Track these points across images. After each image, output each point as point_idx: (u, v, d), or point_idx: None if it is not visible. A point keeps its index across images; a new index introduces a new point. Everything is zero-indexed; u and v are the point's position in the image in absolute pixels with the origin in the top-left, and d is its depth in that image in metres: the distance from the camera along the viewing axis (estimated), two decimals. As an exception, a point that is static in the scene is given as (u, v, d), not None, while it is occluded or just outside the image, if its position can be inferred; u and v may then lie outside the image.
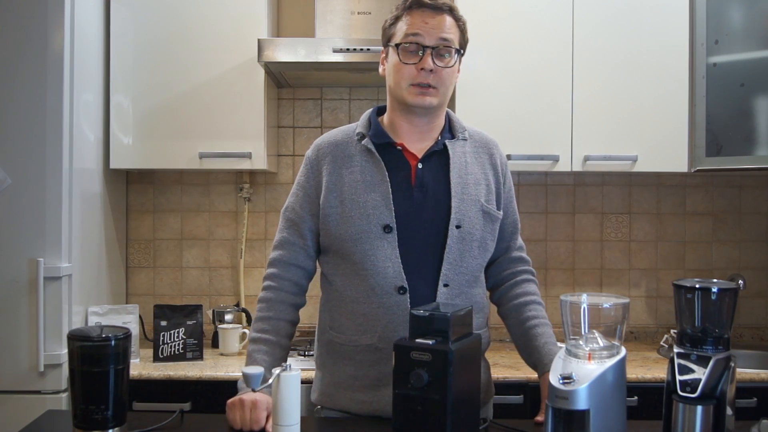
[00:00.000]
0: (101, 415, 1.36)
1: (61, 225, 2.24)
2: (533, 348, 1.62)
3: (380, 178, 1.58)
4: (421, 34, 1.55)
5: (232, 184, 2.95)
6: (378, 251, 1.55)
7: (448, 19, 1.58)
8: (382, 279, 1.55)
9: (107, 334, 1.38)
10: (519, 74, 2.60)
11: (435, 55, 1.55)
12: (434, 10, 1.57)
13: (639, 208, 2.97)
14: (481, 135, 1.72)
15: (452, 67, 1.59)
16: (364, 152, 1.61)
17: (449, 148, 1.63)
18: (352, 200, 1.57)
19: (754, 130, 2.55)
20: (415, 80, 1.56)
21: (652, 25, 2.60)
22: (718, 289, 1.27)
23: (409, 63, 1.56)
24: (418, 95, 1.57)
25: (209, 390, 2.31)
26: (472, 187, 1.61)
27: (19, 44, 2.22)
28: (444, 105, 1.65)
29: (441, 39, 1.56)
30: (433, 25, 1.55)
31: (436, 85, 1.57)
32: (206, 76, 2.61)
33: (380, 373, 1.56)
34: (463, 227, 1.57)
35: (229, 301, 2.92)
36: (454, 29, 1.59)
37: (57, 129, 2.24)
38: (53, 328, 2.22)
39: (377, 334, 1.56)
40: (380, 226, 1.55)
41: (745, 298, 2.92)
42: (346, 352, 1.61)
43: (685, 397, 1.25)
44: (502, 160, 1.71)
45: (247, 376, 1.35)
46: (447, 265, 1.56)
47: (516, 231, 1.73)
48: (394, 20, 1.61)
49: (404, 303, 1.54)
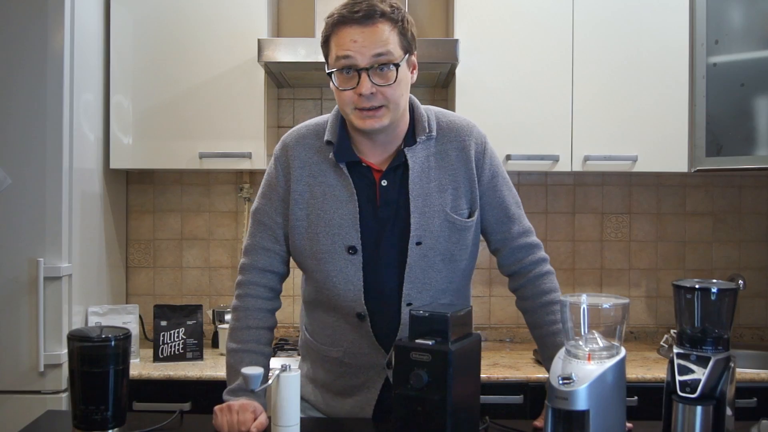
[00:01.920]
0: (101, 415, 1.36)
1: (61, 225, 2.24)
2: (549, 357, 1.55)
3: (348, 195, 1.49)
4: (352, 56, 1.39)
5: (232, 184, 2.95)
6: (340, 273, 1.49)
7: (382, 27, 1.40)
8: (343, 302, 1.51)
9: (107, 335, 1.38)
10: (519, 74, 2.60)
11: (372, 74, 1.40)
12: (361, 24, 1.39)
13: (639, 208, 2.97)
14: (452, 125, 1.55)
15: (395, 82, 1.42)
16: (333, 165, 1.51)
17: (409, 158, 1.50)
18: (318, 216, 1.50)
19: (754, 130, 2.55)
20: (357, 105, 1.42)
21: (652, 25, 2.60)
22: (718, 290, 1.27)
23: (347, 89, 1.42)
24: (366, 119, 1.43)
25: (209, 390, 2.31)
26: (435, 197, 1.50)
27: (19, 44, 2.22)
28: (400, 117, 1.49)
29: (375, 56, 1.39)
30: (362, 42, 1.39)
31: (383, 103, 1.42)
32: (206, 76, 2.61)
33: (346, 385, 1.56)
34: (424, 243, 1.48)
35: (229, 301, 2.91)
36: (392, 36, 1.41)
37: (57, 129, 2.24)
38: (53, 328, 2.22)
39: (343, 349, 1.55)
40: (344, 247, 1.48)
41: (745, 298, 2.92)
42: (318, 358, 1.62)
43: (685, 398, 1.25)
44: (479, 147, 1.55)
45: (246, 376, 1.35)
46: (408, 284, 1.49)
47: (509, 219, 1.58)
48: (325, 40, 1.46)
49: (365, 327, 1.51)
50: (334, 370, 1.58)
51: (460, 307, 1.35)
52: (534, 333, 1.61)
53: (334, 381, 1.58)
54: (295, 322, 2.88)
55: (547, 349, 1.56)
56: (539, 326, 1.58)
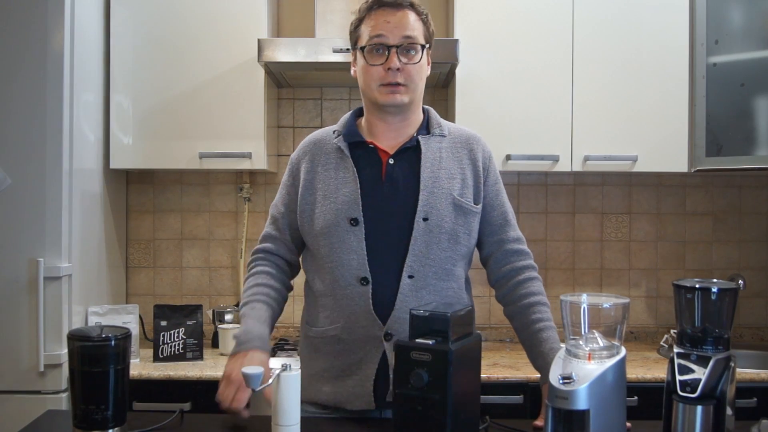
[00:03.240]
0: (101, 415, 1.36)
1: (61, 225, 2.24)
2: (538, 354, 1.61)
3: (350, 174, 1.61)
4: (385, 35, 1.58)
5: (232, 184, 2.95)
6: (344, 244, 1.58)
7: (410, 15, 1.60)
8: (347, 271, 1.58)
9: (107, 334, 1.38)
10: (519, 74, 2.60)
11: (400, 52, 1.58)
12: (395, 8, 1.59)
13: (639, 208, 2.97)
14: (462, 132, 1.71)
15: (419, 63, 1.60)
16: (337, 151, 1.66)
17: (422, 143, 1.64)
18: (324, 196, 1.63)
19: (754, 130, 2.55)
20: (383, 80, 1.59)
21: (652, 25, 2.60)
22: (718, 289, 1.27)
23: (376, 64, 1.59)
24: (388, 94, 1.59)
25: (209, 390, 2.29)
26: (444, 181, 1.61)
27: (19, 44, 2.22)
28: (417, 101, 1.66)
29: (404, 37, 1.58)
30: (395, 23, 1.58)
31: (405, 82, 1.59)
32: (206, 76, 2.61)
33: (344, 363, 1.60)
34: (430, 219, 1.58)
35: (229, 301, 2.92)
36: (417, 24, 1.60)
37: (57, 129, 2.24)
38: (53, 328, 2.22)
39: (340, 325, 1.60)
40: (347, 220, 1.58)
41: (745, 298, 2.92)
42: (317, 345, 1.66)
43: (685, 397, 1.25)
44: (485, 154, 1.69)
45: (246, 376, 1.35)
46: (412, 256, 1.57)
47: (507, 223, 1.69)
48: (358, 23, 1.64)
49: (366, 294, 1.57)
50: (331, 351, 1.62)
51: (460, 307, 1.35)
52: (521, 336, 1.66)
53: (331, 364, 1.61)
54: (295, 322, 2.87)
55: (534, 347, 1.61)
56: (524, 327, 1.64)
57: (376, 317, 1.56)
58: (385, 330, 1.56)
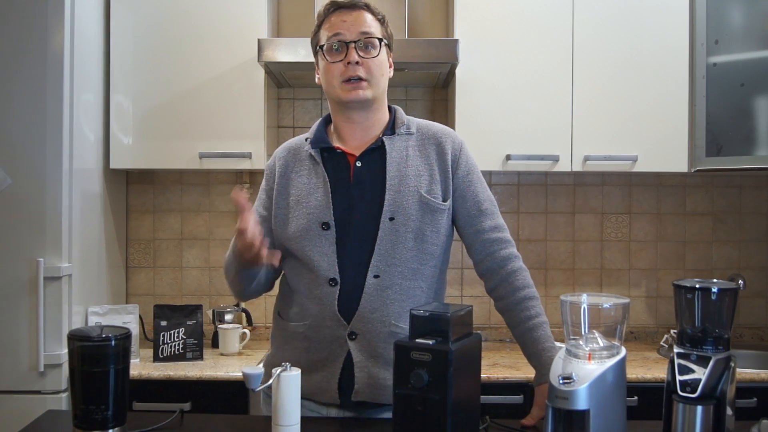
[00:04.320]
0: (101, 415, 1.36)
1: (61, 225, 2.24)
2: (531, 354, 1.62)
3: (321, 180, 1.64)
4: (342, 32, 1.62)
5: (232, 184, 2.95)
6: (316, 247, 1.61)
7: (366, 15, 1.64)
8: (318, 273, 1.61)
9: (107, 334, 1.38)
10: (519, 74, 2.60)
11: (359, 47, 1.61)
12: (350, 9, 1.64)
13: (639, 208, 2.97)
14: (431, 127, 1.72)
15: (378, 57, 1.63)
16: (309, 158, 1.69)
17: (386, 143, 1.65)
18: (297, 202, 1.66)
19: (754, 130, 2.55)
20: (344, 75, 1.61)
21: (652, 25, 2.60)
22: (718, 289, 1.27)
23: (336, 61, 1.62)
24: (351, 91, 1.61)
25: (209, 390, 2.32)
26: (411, 179, 1.62)
27: (19, 44, 2.22)
28: (380, 99, 1.68)
29: (361, 33, 1.61)
30: (351, 21, 1.62)
31: (367, 77, 1.61)
32: (206, 76, 2.61)
33: (310, 360, 1.62)
34: (396, 219, 1.59)
35: (229, 301, 2.92)
36: (374, 23, 1.64)
37: (57, 129, 2.24)
38: (53, 328, 2.22)
39: (308, 323, 1.63)
40: (319, 224, 1.61)
41: (745, 298, 2.92)
42: (286, 338, 1.68)
43: (685, 397, 1.25)
44: (455, 146, 1.69)
45: (246, 376, 1.36)
46: (377, 256, 1.59)
47: (481, 213, 1.67)
48: (317, 29, 1.69)
49: (333, 295, 1.59)
50: (299, 346, 1.64)
51: (460, 307, 1.35)
52: (514, 333, 1.66)
53: (300, 356, 1.63)
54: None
55: (527, 346, 1.62)
56: (516, 324, 1.64)
57: (340, 317, 1.59)
58: (350, 329, 1.58)
